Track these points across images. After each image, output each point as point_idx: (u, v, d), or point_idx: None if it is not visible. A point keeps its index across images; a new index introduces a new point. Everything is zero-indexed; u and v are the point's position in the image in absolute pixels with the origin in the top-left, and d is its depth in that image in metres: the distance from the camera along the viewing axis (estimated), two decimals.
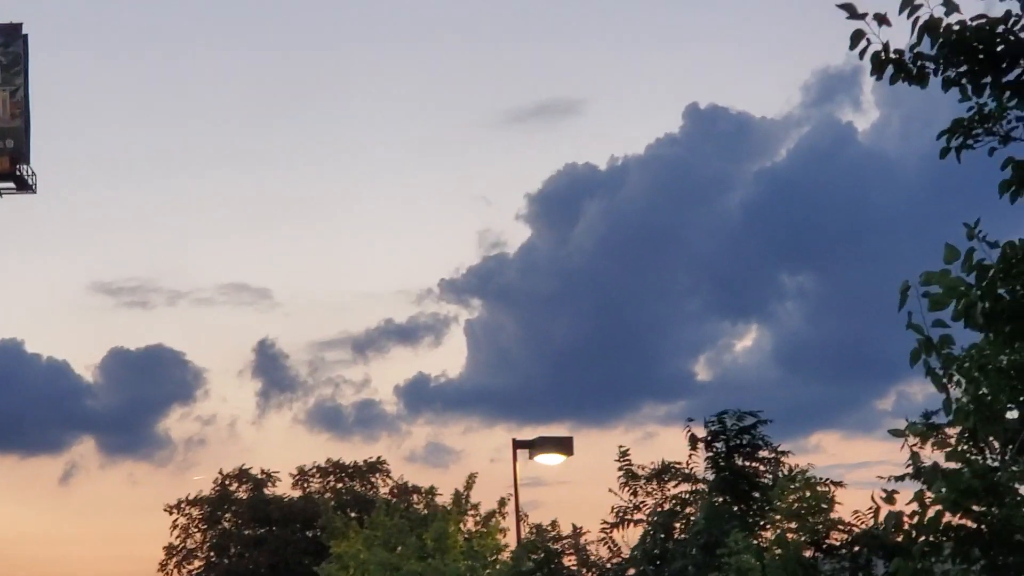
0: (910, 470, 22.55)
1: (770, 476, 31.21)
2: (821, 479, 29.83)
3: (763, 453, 31.62)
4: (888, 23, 11.87)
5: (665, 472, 33.10)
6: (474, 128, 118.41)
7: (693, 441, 31.86)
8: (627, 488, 33.65)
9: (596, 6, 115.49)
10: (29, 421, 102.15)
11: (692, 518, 31.45)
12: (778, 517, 27.86)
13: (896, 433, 15.34)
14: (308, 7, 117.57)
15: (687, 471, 32.64)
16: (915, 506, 13.56)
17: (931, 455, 20.92)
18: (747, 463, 31.39)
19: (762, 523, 29.77)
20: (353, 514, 56.20)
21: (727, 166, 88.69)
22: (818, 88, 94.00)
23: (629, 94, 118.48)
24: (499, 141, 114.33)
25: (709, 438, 31.66)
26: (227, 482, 74.30)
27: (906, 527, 13.15)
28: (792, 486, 28.49)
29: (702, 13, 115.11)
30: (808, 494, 27.90)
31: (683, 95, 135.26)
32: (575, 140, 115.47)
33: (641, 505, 33.86)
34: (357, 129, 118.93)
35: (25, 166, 79.31)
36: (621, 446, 34.62)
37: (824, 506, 28.25)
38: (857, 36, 11.97)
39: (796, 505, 28.03)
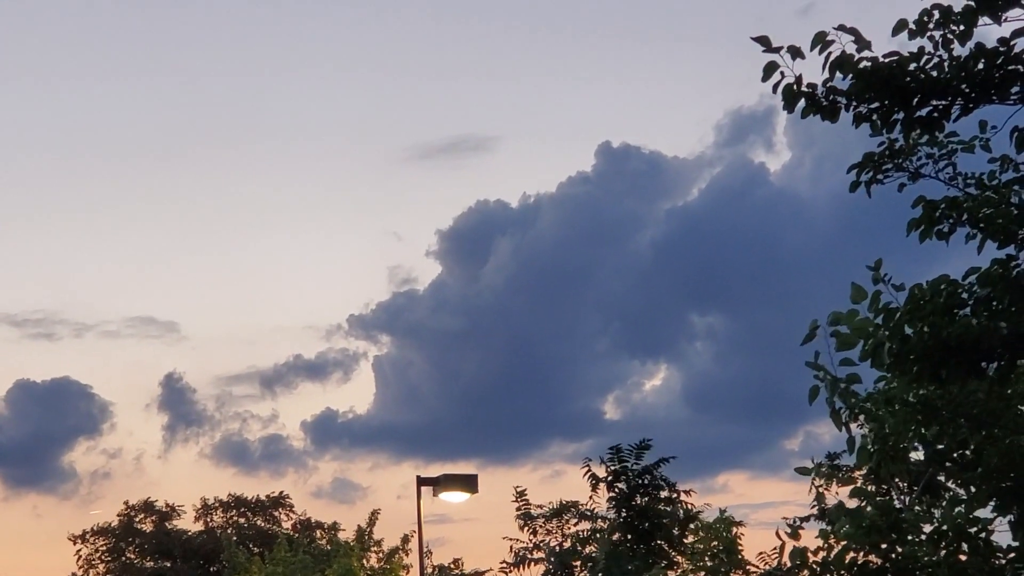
0: (815, 511, 22.62)
1: (678, 516, 31.29)
2: (733, 520, 30.11)
3: (665, 492, 31.70)
4: (802, 56, 11.85)
5: (564, 511, 33.13)
6: (385, 163, 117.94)
7: (595, 481, 31.88)
8: (526, 528, 33.69)
9: (508, 42, 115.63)
10: None
11: (592, 555, 31.47)
12: (700, 559, 27.97)
13: (803, 472, 15.39)
14: (218, 40, 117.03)
15: (587, 510, 32.69)
16: (821, 544, 13.57)
17: (836, 495, 21.00)
18: (649, 502, 31.43)
19: (663, 563, 29.83)
20: (256, 549, 55.67)
21: (639, 205, 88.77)
22: (731, 128, 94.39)
23: (541, 131, 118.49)
24: (411, 177, 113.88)
25: (610, 478, 31.68)
26: (132, 514, 73.45)
27: (812, 563, 13.14)
28: (709, 529, 28.68)
29: (616, 51, 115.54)
30: (725, 535, 28.09)
31: (596, 133, 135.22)
32: (487, 177, 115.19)
33: (541, 544, 33.87)
34: (267, 163, 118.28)
35: None
36: (517, 487, 34.69)
37: (738, 546, 28.49)
38: (770, 68, 11.94)
39: (711, 546, 28.21)
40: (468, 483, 31.40)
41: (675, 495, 31.38)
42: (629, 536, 30.72)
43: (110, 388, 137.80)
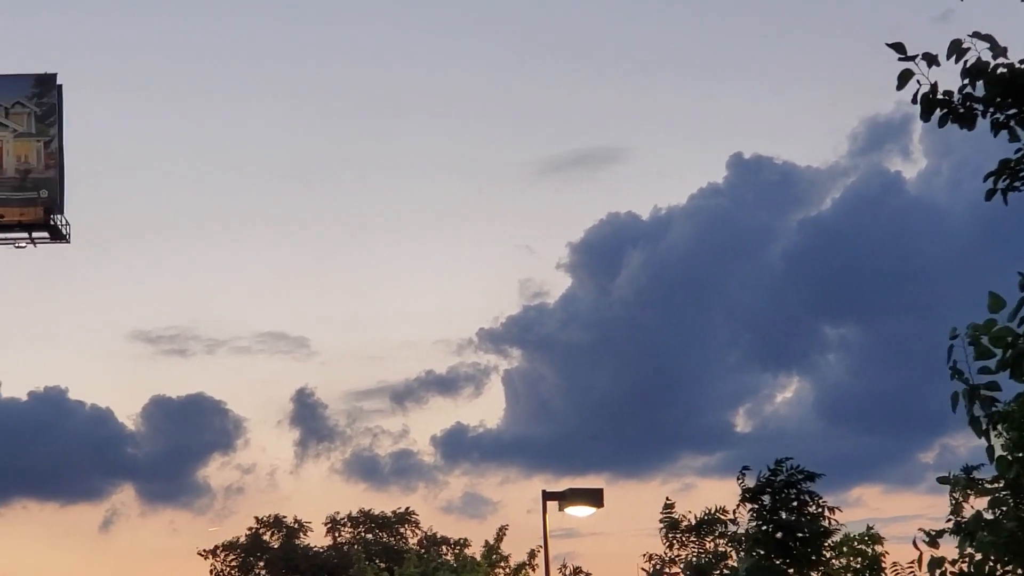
0: (949, 525, 22.31)
1: (819, 531, 31.21)
2: (879, 536, 30.07)
3: (810, 508, 31.59)
4: (937, 63, 11.77)
5: (706, 524, 33.06)
6: (517, 176, 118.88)
7: (745, 493, 31.85)
8: (670, 536, 33.71)
9: (640, 54, 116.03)
10: (70, 469, 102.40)
11: (728, 570, 31.43)
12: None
13: (943, 481, 15.24)
14: (349, 64, 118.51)
15: (730, 519, 32.65)
16: (958, 556, 13.44)
17: (973, 508, 20.73)
18: (793, 517, 31.32)
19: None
20: (382, 565, 56.03)
21: (771, 216, 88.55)
22: (866, 136, 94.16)
23: (673, 143, 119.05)
24: (542, 189, 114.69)
25: (756, 491, 31.65)
26: (260, 530, 74.31)
27: (949, 573, 13.02)
28: (853, 544, 28.68)
29: (747, 61, 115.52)
30: (869, 552, 28.10)
31: (727, 144, 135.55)
32: (618, 189, 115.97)
33: (677, 558, 33.88)
34: (397, 179, 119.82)
35: (59, 216, 79.19)
36: (668, 498, 34.80)
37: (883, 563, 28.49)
38: (905, 76, 11.87)
39: (855, 562, 28.20)
40: (594, 497, 31.47)
41: (820, 510, 31.29)
42: (772, 550, 30.63)
43: (243, 404, 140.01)
